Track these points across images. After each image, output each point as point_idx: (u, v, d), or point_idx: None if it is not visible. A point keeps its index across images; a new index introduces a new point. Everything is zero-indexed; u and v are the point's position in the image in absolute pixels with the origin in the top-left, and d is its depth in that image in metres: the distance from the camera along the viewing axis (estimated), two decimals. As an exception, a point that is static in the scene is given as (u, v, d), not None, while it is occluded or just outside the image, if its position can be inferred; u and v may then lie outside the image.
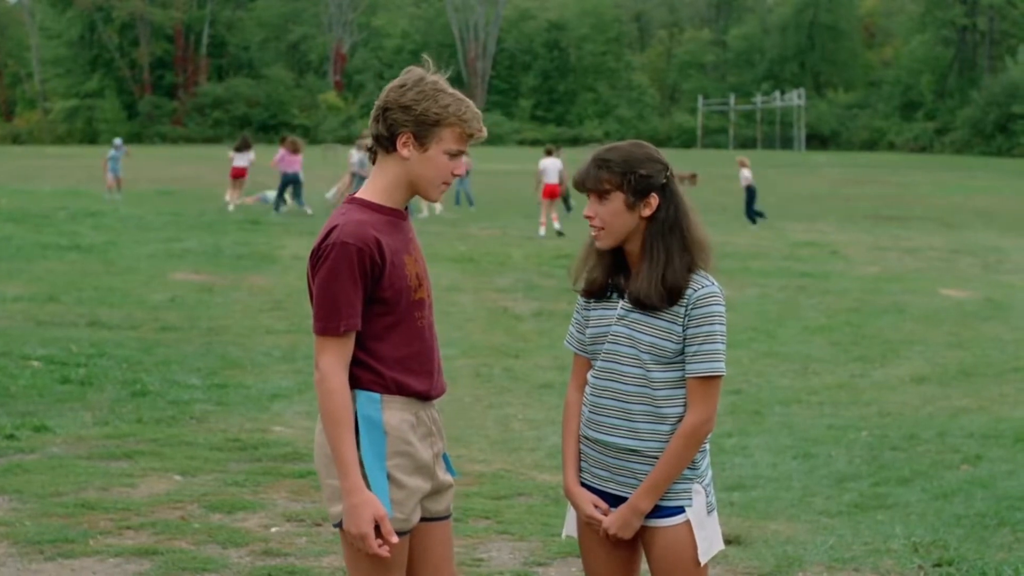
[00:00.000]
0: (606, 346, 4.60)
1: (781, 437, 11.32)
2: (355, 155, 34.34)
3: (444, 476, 4.63)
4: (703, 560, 4.56)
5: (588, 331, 4.69)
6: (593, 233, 4.60)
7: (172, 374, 13.09)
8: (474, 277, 22.15)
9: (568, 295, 19.56)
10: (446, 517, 4.67)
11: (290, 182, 35.48)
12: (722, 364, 4.48)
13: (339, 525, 4.45)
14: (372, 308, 4.40)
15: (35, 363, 13.24)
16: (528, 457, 10.49)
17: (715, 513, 4.64)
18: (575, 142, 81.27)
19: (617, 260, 4.62)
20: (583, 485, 4.69)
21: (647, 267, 4.50)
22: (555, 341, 16.16)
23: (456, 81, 4.60)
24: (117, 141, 41.18)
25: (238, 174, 36.81)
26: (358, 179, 32.61)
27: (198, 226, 29.81)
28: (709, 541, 4.59)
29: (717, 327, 4.47)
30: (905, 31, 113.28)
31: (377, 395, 4.41)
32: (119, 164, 39.85)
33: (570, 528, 4.87)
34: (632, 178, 4.49)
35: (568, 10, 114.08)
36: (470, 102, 4.50)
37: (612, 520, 4.56)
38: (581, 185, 4.58)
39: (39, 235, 26.56)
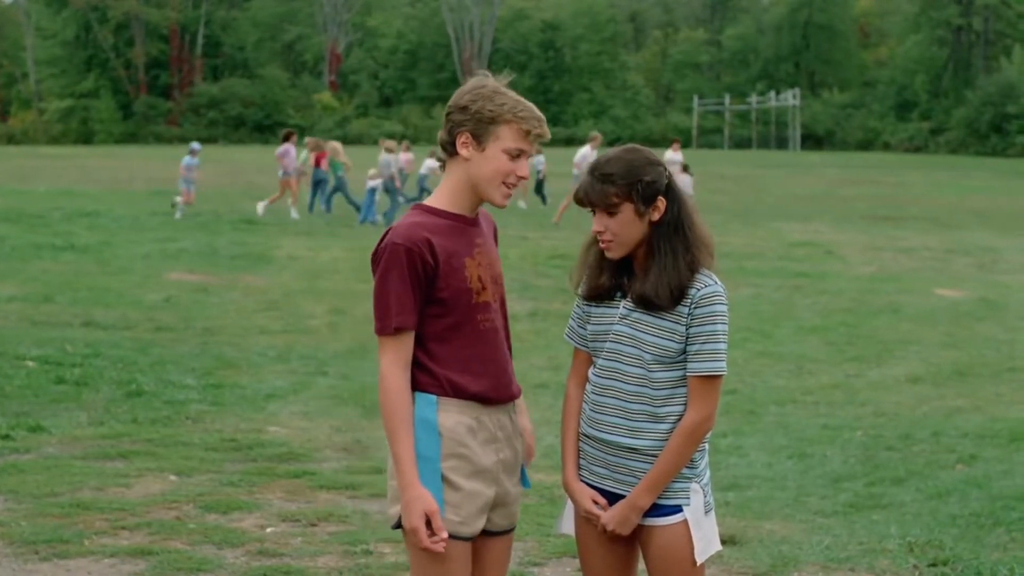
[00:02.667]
0: (608, 345, 4.60)
1: (776, 437, 11.33)
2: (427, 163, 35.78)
3: (513, 488, 4.64)
4: (699, 560, 4.56)
5: (589, 328, 4.69)
6: (603, 246, 4.58)
7: (167, 374, 13.08)
8: (469, 277, 22.13)
9: (563, 295, 19.49)
10: (509, 531, 4.68)
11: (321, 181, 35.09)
12: (723, 363, 4.48)
13: (396, 527, 4.50)
14: (429, 309, 4.44)
15: (30, 363, 13.23)
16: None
17: (712, 513, 4.65)
18: (570, 142, 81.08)
19: (622, 262, 4.62)
20: (581, 482, 4.70)
21: (655, 268, 4.50)
22: (551, 341, 16.16)
23: (452, 81, 4.65)
24: (195, 146, 36.94)
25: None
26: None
27: (193, 226, 29.78)
28: (706, 541, 4.59)
29: (719, 326, 4.47)
30: (900, 31, 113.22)
31: (433, 396, 4.44)
32: (194, 174, 35.66)
33: (566, 526, 4.87)
34: (639, 187, 4.49)
35: (563, 10, 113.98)
36: (530, 104, 4.53)
37: (610, 516, 4.57)
38: (586, 201, 4.55)
39: (34, 235, 26.54)
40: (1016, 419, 12.05)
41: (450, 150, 4.53)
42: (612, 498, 4.62)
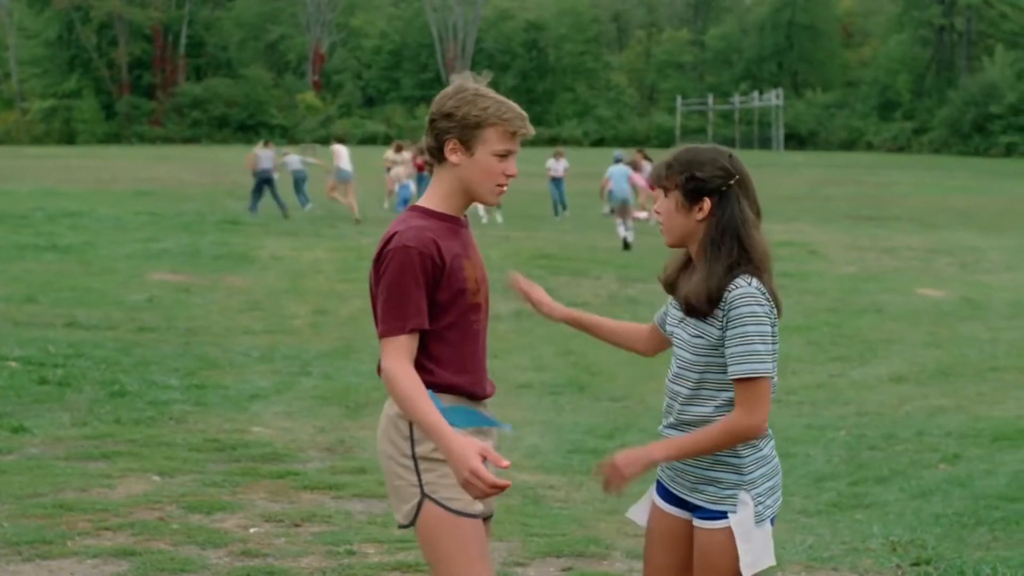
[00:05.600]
0: (673, 347, 4.65)
1: (760, 437, 11.33)
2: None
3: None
4: (747, 573, 4.47)
5: (667, 326, 4.76)
6: (660, 230, 4.65)
7: (150, 375, 13.06)
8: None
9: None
10: (489, 517, 4.77)
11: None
12: (759, 365, 4.37)
13: (408, 525, 4.53)
14: (430, 310, 4.50)
15: (12, 364, 13.19)
16: (506, 457, 10.48)
17: (767, 525, 4.53)
18: (554, 142, 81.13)
19: (689, 261, 4.65)
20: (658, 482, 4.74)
21: (699, 271, 4.50)
22: (534, 341, 16.17)
23: (435, 81, 4.67)
24: (293, 158, 37.76)
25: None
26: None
27: (176, 226, 29.75)
28: (756, 554, 4.48)
29: (750, 327, 4.38)
30: (883, 31, 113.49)
31: (429, 391, 4.47)
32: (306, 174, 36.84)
33: (639, 515, 4.86)
34: (685, 179, 4.51)
35: (547, 10, 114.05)
36: (512, 103, 4.59)
37: (623, 453, 4.50)
38: (655, 179, 4.63)
39: (16, 235, 26.48)
40: (999, 418, 12.08)
41: (438, 156, 4.58)
42: (680, 501, 4.62)
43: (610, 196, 30.89)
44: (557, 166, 36.78)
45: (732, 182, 4.52)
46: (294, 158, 37.74)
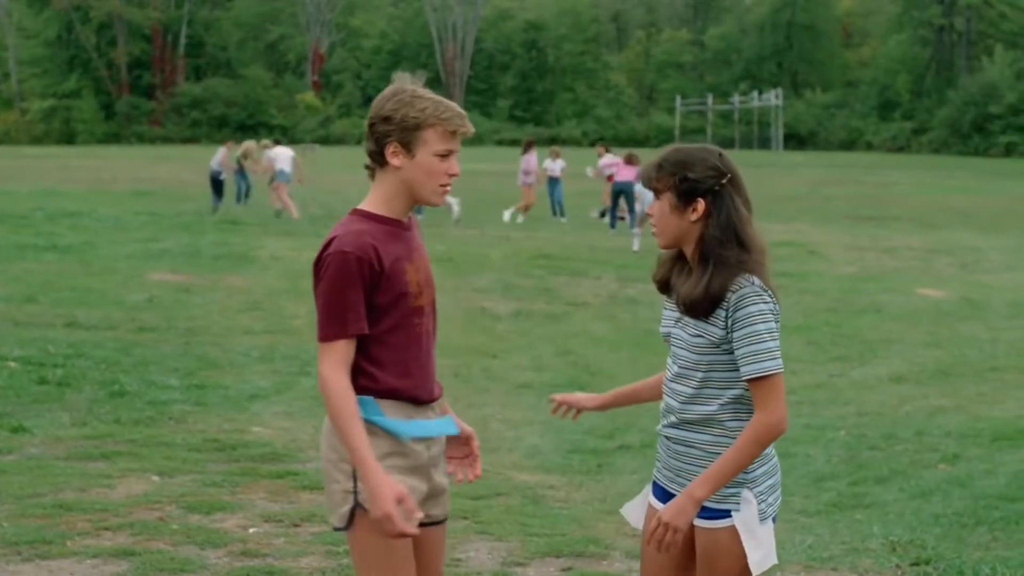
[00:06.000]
0: (671, 347, 4.63)
1: (759, 437, 11.32)
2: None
3: (441, 479, 4.70)
4: (756, 571, 4.47)
5: (661, 326, 4.74)
6: (652, 232, 4.62)
7: (150, 375, 13.06)
8: (452, 277, 22.12)
9: (546, 295, 19.48)
10: (443, 521, 4.75)
11: (621, 192, 32.63)
12: (773, 362, 4.38)
13: (342, 528, 4.53)
14: (370, 314, 4.49)
15: (12, 364, 13.19)
16: (507, 457, 10.50)
17: (770, 523, 4.54)
18: (553, 142, 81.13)
19: (682, 260, 4.62)
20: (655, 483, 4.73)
21: (696, 273, 4.48)
22: (533, 341, 16.17)
23: (434, 81, 4.67)
24: (284, 155, 36.53)
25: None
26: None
27: (176, 226, 29.75)
28: (763, 551, 4.49)
29: (760, 326, 4.39)
30: (882, 31, 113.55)
31: (371, 398, 4.49)
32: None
33: (634, 517, 4.87)
34: (677, 180, 4.49)
35: (546, 10, 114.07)
36: (450, 102, 4.58)
37: (667, 507, 4.46)
38: (643, 181, 4.63)
39: (16, 236, 26.46)
40: (998, 418, 12.07)
41: (379, 160, 4.57)
42: (671, 499, 4.61)
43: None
44: (554, 166, 36.73)
45: (724, 181, 4.51)
46: (285, 154, 36.80)
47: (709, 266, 4.45)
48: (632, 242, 27.20)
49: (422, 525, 4.57)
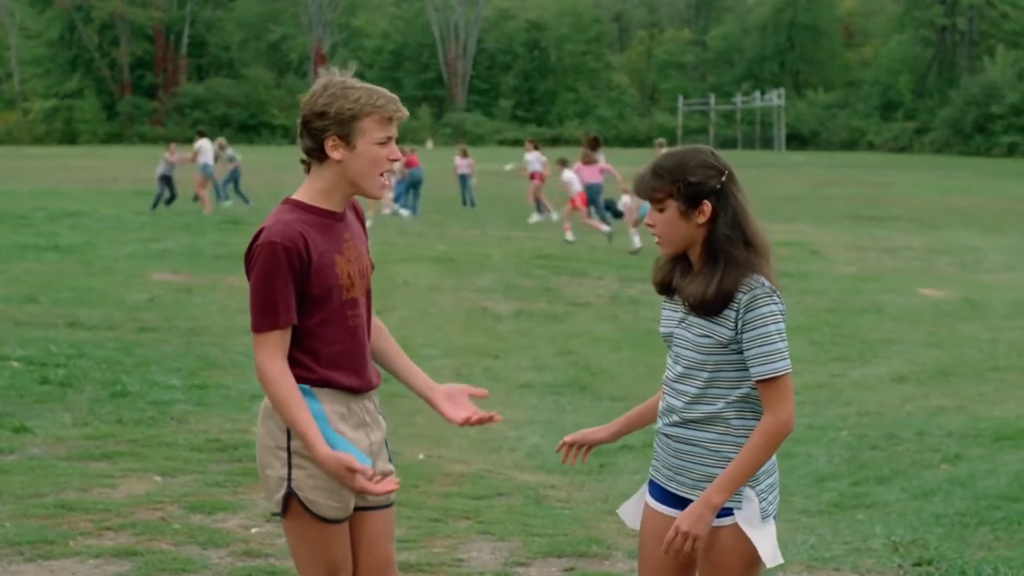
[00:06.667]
0: (673, 348, 4.62)
1: (761, 437, 11.32)
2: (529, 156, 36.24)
3: (384, 466, 4.74)
4: (770, 564, 4.48)
5: (661, 327, 4.72)
6: (655, 241, 4.60)
7: (152, 375, 13.06)
8: (453, 277, 22.12)
9: (547, 295, 19.45)
10: (388, 506, 4.79)
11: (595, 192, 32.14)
12: (783, 363, 4.41)
13: (280, 514, 4.66)
14: (302, 306, 4.53)
15: (14, 364, 13.19)
16: (508, 457, 10.50)
17: (772, 522, 4.56)
18: (555, 142, 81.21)
19: (683, 261, 4.61)
20: (652, 481, 4.72)
21: (705, 272, 4.47)
22: (534, 341, 16.16)
23: (437, 81, 4.67)
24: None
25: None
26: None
27: (176, 226, 29.73)
28: (771, 547, 4.51)
29: (771, 327, 4.42)
30: (884, 31, 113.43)
31: (307, 387, 4.55)
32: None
33: (631, 518, 4.87)
34: (682, 186, 4.47)
35: (548, 10, 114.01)
36: (382, 89, 4.61)
37: (684, 516, 4.44)
38: (639, 193, 4.61)
39: (17, 236, 26.45)
40: (1000, 418, 12.07)
41: (319, 156, 4.58)
42: (676, 500, 4.61)
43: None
44: (463, 163, 38.83)
45: (724, 178, 4.51)
46: (208, 147, 37.34)
47: (720, 265, 4.45)
48: (632, 241, 27.17)
49: (363, 509, 4.67)
